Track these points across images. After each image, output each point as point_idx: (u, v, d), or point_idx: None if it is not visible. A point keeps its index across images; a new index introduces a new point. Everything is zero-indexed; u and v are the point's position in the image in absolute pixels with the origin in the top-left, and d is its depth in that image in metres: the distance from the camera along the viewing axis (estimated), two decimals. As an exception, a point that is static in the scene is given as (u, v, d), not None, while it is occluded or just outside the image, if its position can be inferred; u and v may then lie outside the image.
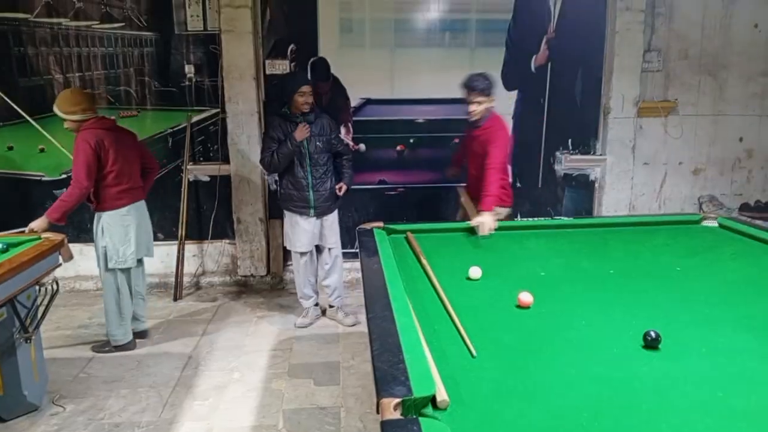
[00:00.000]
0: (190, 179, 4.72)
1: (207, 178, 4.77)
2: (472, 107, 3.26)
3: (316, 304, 4.18)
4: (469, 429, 1.38)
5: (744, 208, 5.06)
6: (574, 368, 1.71)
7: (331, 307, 4.18)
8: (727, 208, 5.02)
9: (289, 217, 3.95)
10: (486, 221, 2.76)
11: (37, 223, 3.36)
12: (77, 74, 4.60)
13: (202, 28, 4.58)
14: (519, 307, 2.17)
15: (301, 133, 3.72)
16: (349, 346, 3.78)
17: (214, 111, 4.69)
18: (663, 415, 1.45)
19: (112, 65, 4.63)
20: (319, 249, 4.07)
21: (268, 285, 4.84)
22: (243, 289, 4.82)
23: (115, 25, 4.56)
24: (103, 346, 3.73)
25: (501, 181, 3.11)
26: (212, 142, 4.73)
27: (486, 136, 3.20)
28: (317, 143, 3.78)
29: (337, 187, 3.95)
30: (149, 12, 4.55)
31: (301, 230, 3.89)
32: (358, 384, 3.30)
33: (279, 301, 4.57)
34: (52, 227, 3.35)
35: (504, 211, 3.51)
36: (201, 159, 4.77)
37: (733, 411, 1.47)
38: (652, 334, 1.80)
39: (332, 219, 4.01)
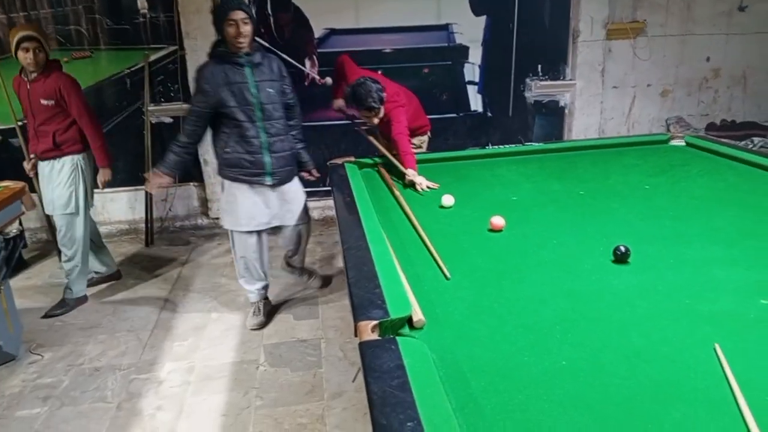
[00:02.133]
0: (153, 121, 4.56)
1: (170, 120, 4.61)
2: (374, 121, 3.15)
3: (266, 299, 3.40)
4: (445, 346, 1.41)
5: (710, 127, 5.12)
6: (546, 285, 1.75)
7: (290, 265, 3.60)
8: (694, 129, 5.07)
9: (232, 187, 3.04)
10: (416, 179, 2.80)
11: (104, 176, 3.47)
12: (22, 13, 4.31)
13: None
14: (492, 230, 2.18)
15: (153, 183, 2.96)
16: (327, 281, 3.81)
17: (172, 48, 4.48)
18: (633, 324, 1.50)
19: (59, 3, 4.34)
20: (276, 227, 3.23)
21: (241, 226, 4.79)
22: (215, 231, 4.77)
23: (58, -42, 4.25)
24: (58, 307, 3.51)
25: (409, 142, 3.07)
26: (172, 81, 4.54)
27: (387, 120, 3.14)
28: (268, 89, 2.89)
29: (304, 174, 3.31)
30: (94, -57, 4.25)
31: (251, 203, 3.04)
32: (337, 316, 3.35)
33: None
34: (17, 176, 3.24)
35: (425, 138, 3.66)
36: (162, 100, 4.59)
37: (700, 316, 1.53)
38: (622, 248, 1.84)
39: (295, 188, 3.18)
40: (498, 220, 2.19)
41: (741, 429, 1.11)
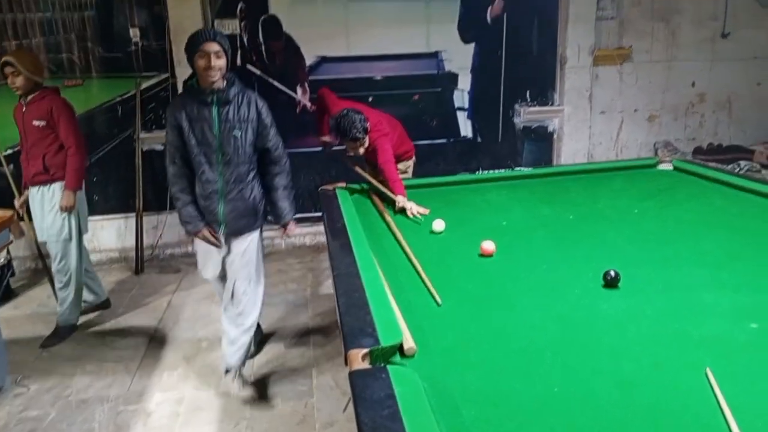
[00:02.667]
0: (144, 149, 4.57)
1: (161, 147, 4.61)
2: (360, 150, 3.16)
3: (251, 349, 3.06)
4: (436, 373, 1.40)
5: (697, 151, 5.19)
6: (537, 311, 1.74)
7: (227, 372, 2.88)
8: (682, 153, 5.14)
9: None
10: (407, 205, 2.80)
11: (67, 201, 3.32)
12: (14, 42, 4.34)
13: (145, -10, 4.36)
14: (482, 255, 2.18)
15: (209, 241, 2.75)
16: (318, 309, 3.78)
17: (163, 76, 4.51)
18: (623, 348, 1.50)
19: (51, 31, 4.38)
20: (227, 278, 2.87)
21: (232, 253, 4.77)
22: (207, 258, 4.74)
23: (51, -12, 4.30)
24: (53, 337, 3.47)
25: (395, 169, 3.08)
26: (164, 108, 4.55)
27: (372, 149, 3.17)
28: (234, 132, 2.60)
29: (280, 230, 2.91)
30: (87, -27, 4.30)
31: (208, 250, 2.81)
32: (329, 344, 3.32)
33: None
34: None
35: (410, 162, 3.65)
36: (153, 127, 4.60)
37: (689, 340, 1.53)
38: (612, 273, 1.85)
39: (247, 243, 2.79)
40: (488, 245, 2.19)
41: (734, 455, 1.11)
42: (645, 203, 2.75)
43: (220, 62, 2.50)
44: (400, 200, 2.85)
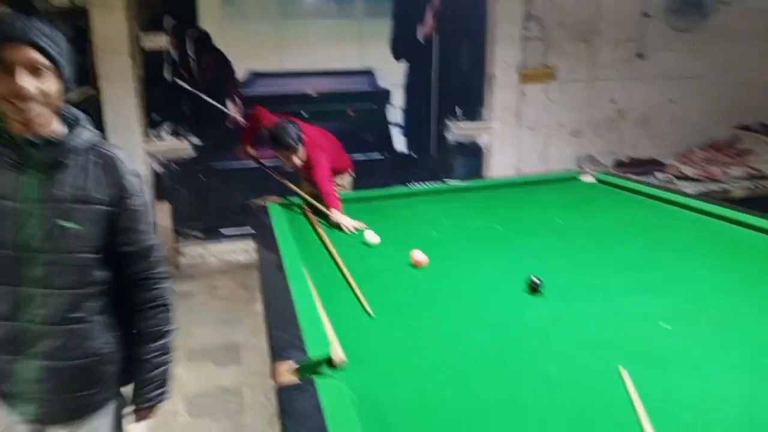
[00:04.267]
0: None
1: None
2: (295, 161, 3.12)
3: None
4: (366, 385, 1.39)
5: (618, 164, 5.46)
6: (466, 319, 1.78)
7: None
8: (604, 166, 5.39)
9: None
10: (341, 219, 2.79)
11: None
12: None
13: (68, 3, 4.18)
14: (413, 265, 2.20)
15: None
16: (249, 325, 3.69)
17: (90, 93, 4.33)
18: (548, 353, 1.55)
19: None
20: None
21: (162, 272, 4.60)
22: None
23: (-38, -4, 4.07)
24: None
25: (331, 183, 3.08)
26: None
27: (309, 165, 3.15)
28: (62, 224, 1.28)
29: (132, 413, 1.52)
30: (2, -18, 4.10)
31: None
32: (261, 361, 3.23)
33: (174, 288, 4.36)
34: None
35: (347, 178, 3.68)
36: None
37: (611, 343, 1.60)
38: (535, 280, 1.90)
39: None
40: (419, 255, 2.21)
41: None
42: (569, 214, 2.86)
43: (43, 86, 1.23)
44: (334, 214, 2.84)
